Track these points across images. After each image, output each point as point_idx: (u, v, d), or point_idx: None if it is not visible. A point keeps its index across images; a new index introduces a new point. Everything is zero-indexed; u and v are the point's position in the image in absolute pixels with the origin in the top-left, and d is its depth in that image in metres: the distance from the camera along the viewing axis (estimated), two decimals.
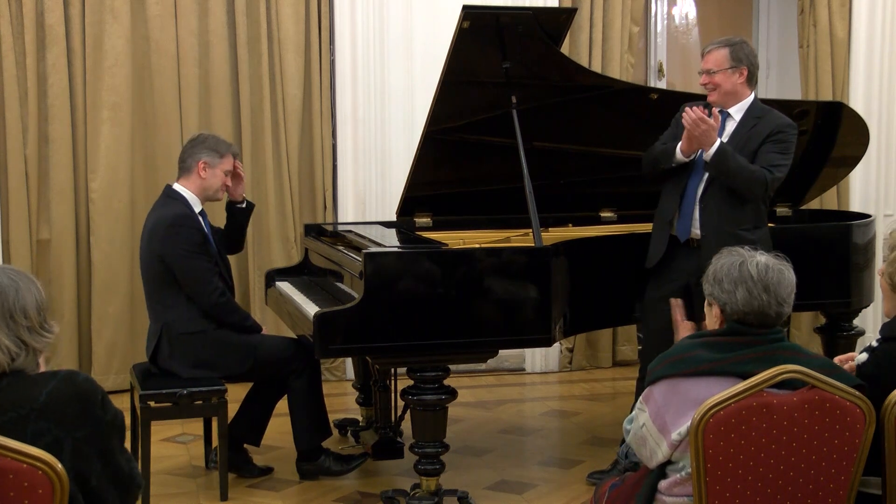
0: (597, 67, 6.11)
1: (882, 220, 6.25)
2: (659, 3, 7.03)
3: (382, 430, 4.58)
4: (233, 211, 4.53)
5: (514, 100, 4.22)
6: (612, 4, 6.20)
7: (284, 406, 4.31)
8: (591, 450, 4.79)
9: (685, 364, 2.54)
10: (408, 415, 4.04)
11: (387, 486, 4.18)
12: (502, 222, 4.79)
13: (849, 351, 3.16)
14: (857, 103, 6.28)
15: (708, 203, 4.09)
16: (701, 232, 4.11)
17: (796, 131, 4.14)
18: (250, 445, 4.43)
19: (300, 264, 5.04)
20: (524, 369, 6.40)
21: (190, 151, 4.30)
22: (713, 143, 3.96)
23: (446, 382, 3.88)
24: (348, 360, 5.92)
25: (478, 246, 4.12)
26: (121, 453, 2.25)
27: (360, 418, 4.99)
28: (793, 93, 6.77)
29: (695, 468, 2.44)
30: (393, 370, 4.46)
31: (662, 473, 2.63)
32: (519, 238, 4.48)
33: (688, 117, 3.93)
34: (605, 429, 5.11)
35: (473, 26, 4.12)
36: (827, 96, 6.41)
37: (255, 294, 5.89)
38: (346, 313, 3.72)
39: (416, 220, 4.83)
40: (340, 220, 5.93)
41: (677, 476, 2.59)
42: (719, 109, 4.14)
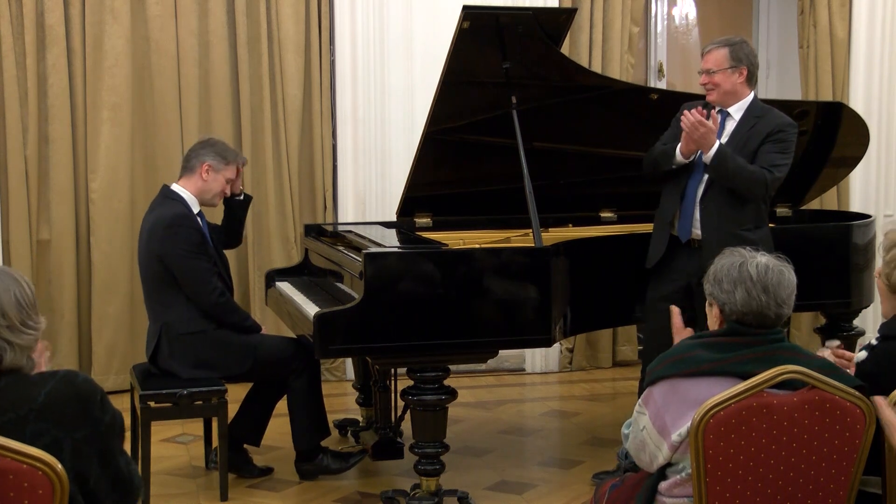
0: (597, 68, 6.11)
1: (882, 220, 6.25)
2: (659, 3, 7.03)
3: (382, 430, 4.58)
4: (231, 204, 4.53)
5: (514, 100, 4.22)
6: (612, 5, 6.20)
7: (284, 406, 4.31)
8: (591, 450, 4.79)
9: (685, 364, 2.54)
10: (408, 415, 4.04)
11: (387, 487, 4.18)
12: (502, 222, 4.79)
13: (849, 351, 3.17)
14: (857, 103, 6.28)
15: (708, 204, 4.09)
16: (702, 233, 4.10)
17: (796, 130, 4.14)
18: (250, 446, 4.43)
19: (300, 264, 5.04)
20: (524, 369, 6.40)
21: (196, 152, 4.30)
22: (712, 144, 3.96)
23: (446, 383, 3.88)
24: (348, 361, 5.92)
25: (478, 246, 4.12)
26: (120, 455, 2.25)
27: (360, 418, 4.99)
28: (793, 93, 6.77)
29: (695, 469, 2.44)
30: (393, 370, 4.46)
31: (662, 474, 2.63)
32: (519, 238, 4.48)
33: (686, 120, 3.93)
34: (605, 429, 5.11)
35: (473, 26, 4.12)
36: (827, 96, 6.41)
37: (255, 294, 5.88)
38: (346, 313, 3.72)
39: (416, 220, 4.83)
40: (340, 221, 5.93)
41: (677, 477, 2.59)
42: (718, 109, 4.14)
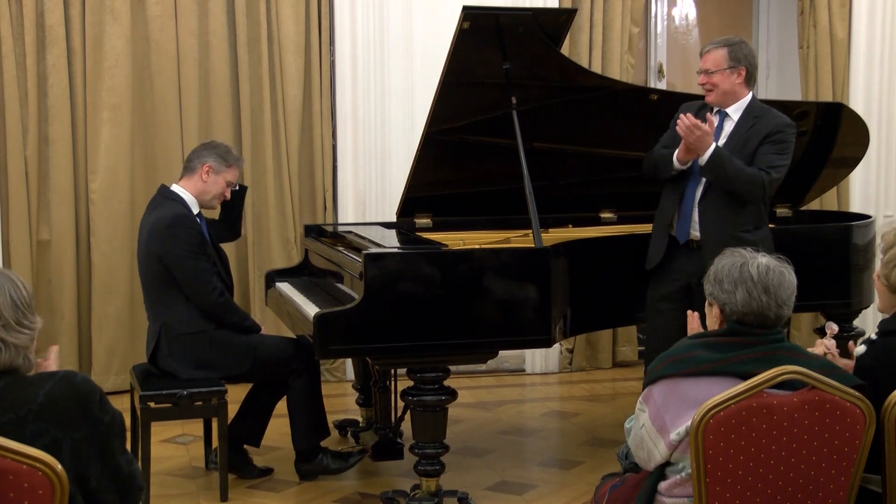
0: (597, 68, 6.11)
1: (882, 220, 6.25)
2: (659, 3, 7.03)
3: (382, 430, 4.58)
4: (229, 213, 4.53)
5: (514, 100, 4.22)
6: (612, 5, 6.20)
7: (284, 407, 4.30)
8: (591, 450, 4.79)
9: (685, 364, 2.54)
10: (408, 415, 4.04)
11: (387, 487, 4.17)
12: (502, 223, 4.79)
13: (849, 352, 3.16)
14: (856, 104, 6.28)
15: (707, 206, 4.10)
16: (700, 234, 4.11)
17: (795, 131, 4.14)
18: (250, 446, 4.43)
19: (300, 265, 5.04)
20: (524, 370, 6.40)
21: (198, 153, 4.31)
22: (708, 147, 3.97)
23: (446, 383, 3.88)
24: (348, 361, 5.92)
25: (478, 247, 4.12)
26: (122, 455, 2.25)
27: (361, 419, 4.99)
28: (793, 93, 6.77)
29: (695, 469, 2.44)
30: (393, 371, 4.46)
31: (662, 474, 2.63)
32: (519, 239, 4.48)
33: (682, 124, 3.94)
34: (605, 430, 5.11)
35: (473, 27, 4.12)
36: (827, 97, 6.41)
37: (255, 295, 5.88)
38: (346, 314, 3.71)
39: (416, 220, 4.83)
40: (340, 221, 5.93)
41: (677, 477, 2.59)
42: (717, 110, 4.15)
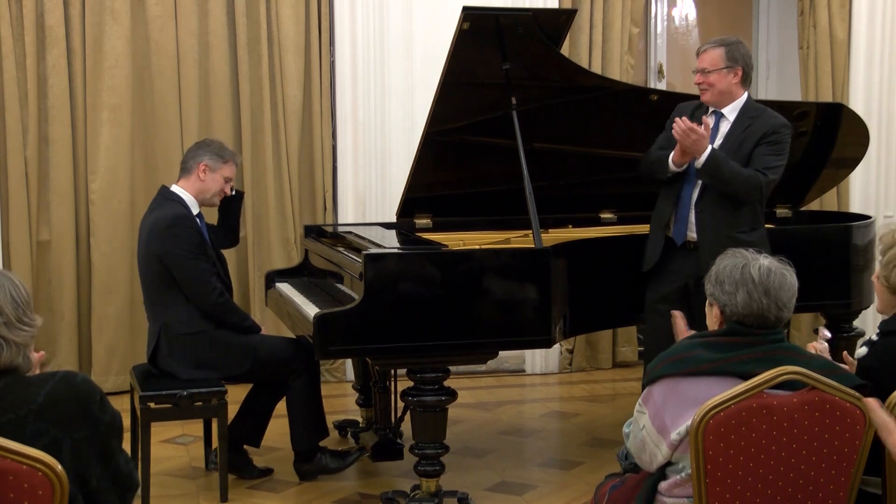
0: (597, 69, 6.11)
1: (882, 221, 6.25)
2: (659, 4, 7.03)
3: (382, 431, 4.57)
4: (225, 199, 4.50)
5: (514, 101, 4.22)
6: (612, 6, 6.20)
7: (284, 407, 4.30)
8: (592, 451, 4.79)
9: (685, 364, 2.55)
10: (408, 416, 4.04)
11: (387, 488, 4.17)
12: (502, 223, 4.79)
13: (849, 352, 3.16)
14: (856, 104, 6.28)
15: (704, 208, 4.11)
16: (697, 236, 4.12)
17: (790, 131, 4.14)
18: (250, 447, 4.43)
19: (300, 265, 5.04)
20: (524, 370, 6.40)
21: (193, 153, 4.31)
22: (704, 149, 3.97)
23: (446, 384, 3.88)
24: (348, 362, 5.92)
25: (478, 247, 4.12)
26: (120, 454, 2.25)
27: (360, 419, 4.98)
28: (792, 94, 6.77)
29: (695, 469, 2.44)
30: (393, 371, 4.46)
31: (662, 474, 2.63)
32: (519, 239, 4.47)
33: (677, 128, 3.95)
34: (605, 430, 5.11)
35: (473, 27, 4.12)
36: (827, 97, 6.41)
37: (255, 295, 5.88)
38: (346, 314, 3.71)
39: (416, 221, 4.83)
40: (340, 222, 5.93)
41: (677, 477, 2.59)
42: (712, 111, 4.15)
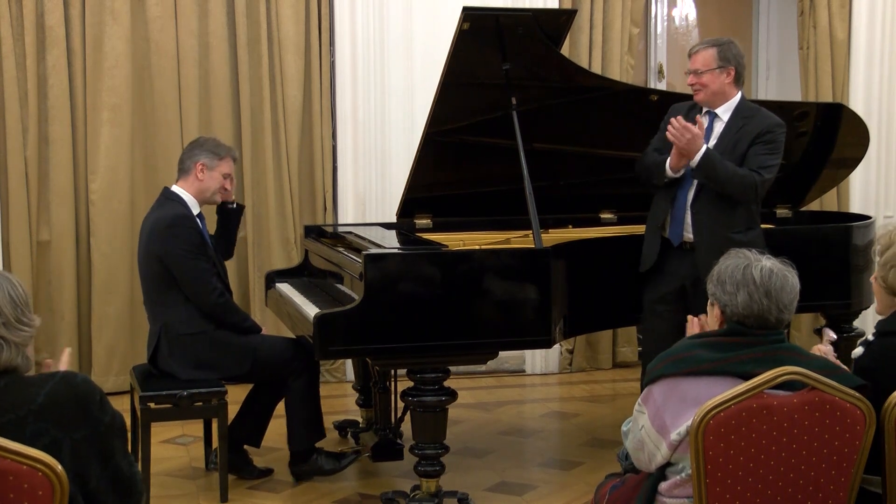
0: (597, 69, 6.11)
1: (882, 221, 6.25)
2: (659, 4, 7.03)
3: (382, 431, 4.58)
4: (223, 212, 4.52)
5: (514, 101, 4.22)
6: (612, 6, 6.20)
7: (283, 407, 4.30)
8: (592, 451, 4.79)
9: (685, 363, 2.54)
10: (408, 416, 4.04)
11: (387, 488, 4.17)
12: (502, 224, 4.79)
13: (849, 352, 3.16)
14: (856, 105, 6.28)
15: (699, 209, 4.11)
16: (694, 236, 4.12)
17: (784, 130, 4.15)
18: (250, 447, 4.43)
19: (300, 266, 5.04)
20: (524, 371, 6.40)
21: (189, 153, 4.31)
22: (699, 149, 3.98)
23: (446, 384, 3.88)
24: (348, 362, 5.92)
25: (478, 247, 4.12)
26: (123, 457, 2.24)
27: (360, 420, 4.98)
28: (793, 94, 6.77)
29: (695, 470, 2.44)
30: (393, 372, 4.46)
31: (662, 475, 2.63)
32: (519, 239, 4.47)
33: (671, 128, 3.96)
34: (605, 430, 5.11)
35: (473, 27, 4.12)
36: (827, 98, 6.41)
37: (255, 295, 5.88)
38: (346, 315, 3.71)
39: (416, 221, 4.83)
40: (340, 222, 5.93)
41: (677, 477, 2.59)
42: (706, 111, 4.15)
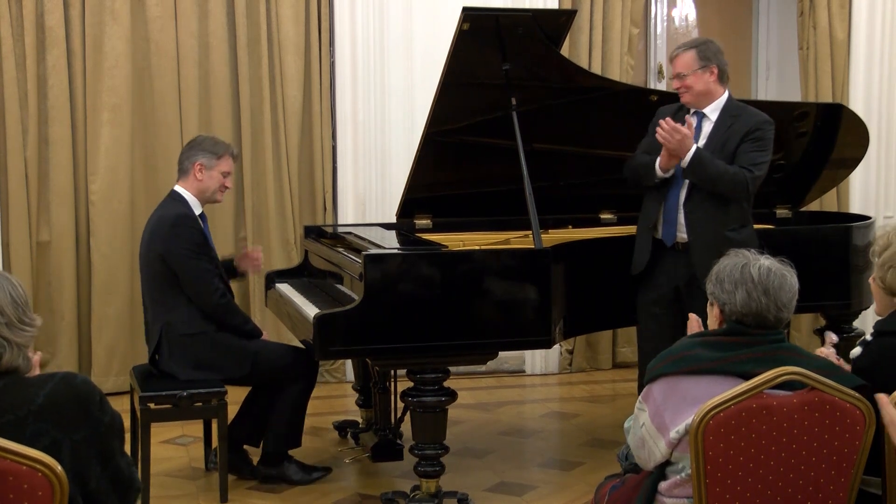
0: (596, 69, 6.11)
1: (882, 221, 6.25)
2: (659, 4, 7.03)
3: (382, 431, 4.58)
4: (232, 273, 4.52)
5: (513, 101, 4.22)
6: (612, 6, 6.20)
7: None
8: (591, 451, 4.79)
9: (685, 362, 2.55)
10: (407, 416, 4.04)
11: (387, 488, 4.17)
12: (502, 224, 4.79)
13: (848, 353, 3.16)
14: (856, 105, 6.29)
15: (692, 208, 4.11)
16: (688, 236, 4.12)
17: (773, 127, 4.15)
18: (250, 447, 4.43)
19: (300, 266, 5.04)
20: (524, 371, 6.40)
21: (187, 154, 4.31)
22: (689, 149, 3.98)
23: (446, 384, 3.88)
24: (348, 362, 5.92)
25: (477, 248, 4.12)
26: (121, 456, 2.25)
27: (360, 420, 4.98)
28: (792, 94, 6.77)
29: (695, 470, 2.44)
30: (393, 372, 4.46)
31: (662, 475, 2.63)
32: (519, 240, 4.47)
33: (661, 130, 3.96)
34: (605, 430, 5.11)
35: (473, 28, 4.12)
36: (827, 98, 6.41)
37: (255, 296, 5.88)
38: (345, 315, 3.71)
39: (416, 221, 4.83)
40: (340, 222, 5.93)
41: (677, 477, 2.59)
42: (693, 112, 4.15)
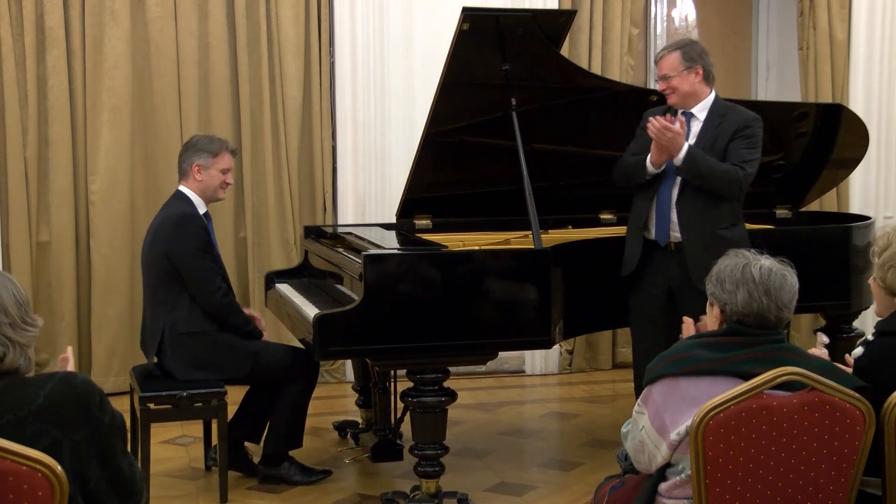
0: (596, 69, 6.11)
1: (882, 221, 6.25)
2: (659, 5, 7.04)
3: (382, 432, 4.58)
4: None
5: (513, 102, 4.22)
6: (612, 6, 6.20)
7: None
8: (591, 452, 4.79)
9: (684, 363, 2.55)
10: (407, 417, 4.04)
11: (386, 488, 4.17)
12: (502, 224, 4.79)
13: (847, 353, 3.16)
14: (856, 105, 6.29)
15: (685, 206, 4.10)
16: (682, 235, 4.11)
17: (761, 124, 4.15)
18: (251, 444, 4.43)
19: (300, 266, 5.04)
20: (524, 371, 6.40)
21: (184, 156, 4.31)
22: (681, 147, 3.98)
23: (446, 384, 3.88)
24: (348, 362, 5.92)
25: (477, 248, 4.12)
26: (123, 457, 2.24)
27: (360, 420, 4.98)
28: (792, 94, 6.77)
29: (694, 470, 2.44)
30: (392, 372, 4.46)
31: (662, 475, 2.63)
32: (518, 240, 4.47)
33: (652, 127, 3.96)
34: (604, 431, 5.11)
35: (473, 28, 4.12)
36: (826, 98, 6.41)
37: (255, 296, 5.88)
38: (345, 315, 3.71)
39: (416, 221, 4.83)
40: (340, 222, 5.94)
41: (677, 478, 2.59)
42: (682, 111, 4.15)
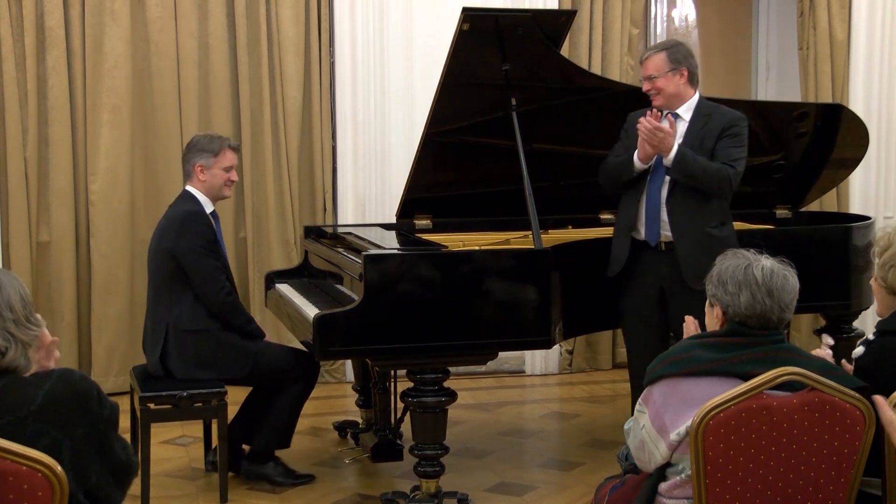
0: (596, 69, 6.11)
1: (882, 221, 6.25)
2: (659, 5, 7.04)
3: (382, 432, 4.58)
4: None
5: (513, 102, 4.22)
6: (612, 6, 6.20)
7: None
8: (591, 452, 4.79)
9: (685, 364, 2.55)
10: (407, 417, 4.04)
11: (386, 489, 4.17)
12: (502, 224, 4.79)
13: (848, 353, 3.16)
14: (856, 105, 6.29)
15: (675, 205, 4.10)
16: (673, 234, 4.10)
17: (747, 123, 4.16)
18: (248, 446, 4.43)
19: (300, 266, 5.04)
20: (524, 371, 6.40)
21: (186, 157, 4.32)
22: (671, 147, 3.98)
23: (446, 384, 3.88)
24: (348, 362, 5.92)
25: (477, 248, 4.12)
26: (116, 442, 2.26)
27: (360, 420, 4.98)
28: (792, 95, 6.77)
29: (694, 470, 2.44)
30: (393, 372, 4.46)
31: (662, 475, 2.63)
32: (518, 240, 4.47)
33: (642, 127, 3.96)
34: (604, 431, 5.11)
35: (473, 28, 4.13)
36: (826, 98, 6.41)
37: (255, 296, 5.88)
38: (345, 315, 3.71)
39: (416, 221, 4.83)
40: (340, 222, 5.94)
41: (677, 478, 2.59)
42: (668, 112, 4.16)
